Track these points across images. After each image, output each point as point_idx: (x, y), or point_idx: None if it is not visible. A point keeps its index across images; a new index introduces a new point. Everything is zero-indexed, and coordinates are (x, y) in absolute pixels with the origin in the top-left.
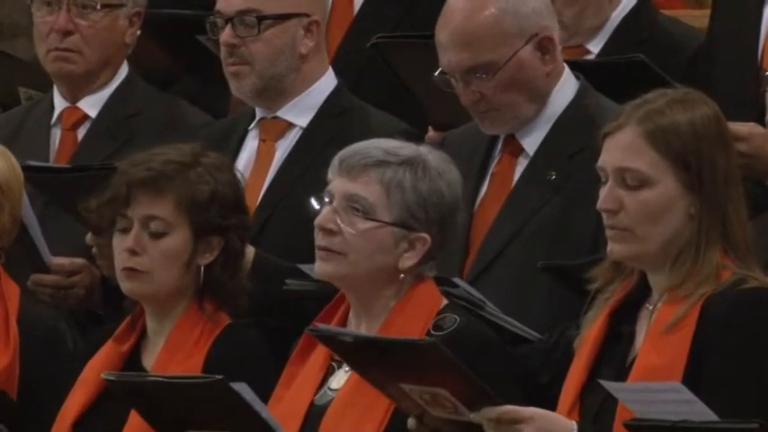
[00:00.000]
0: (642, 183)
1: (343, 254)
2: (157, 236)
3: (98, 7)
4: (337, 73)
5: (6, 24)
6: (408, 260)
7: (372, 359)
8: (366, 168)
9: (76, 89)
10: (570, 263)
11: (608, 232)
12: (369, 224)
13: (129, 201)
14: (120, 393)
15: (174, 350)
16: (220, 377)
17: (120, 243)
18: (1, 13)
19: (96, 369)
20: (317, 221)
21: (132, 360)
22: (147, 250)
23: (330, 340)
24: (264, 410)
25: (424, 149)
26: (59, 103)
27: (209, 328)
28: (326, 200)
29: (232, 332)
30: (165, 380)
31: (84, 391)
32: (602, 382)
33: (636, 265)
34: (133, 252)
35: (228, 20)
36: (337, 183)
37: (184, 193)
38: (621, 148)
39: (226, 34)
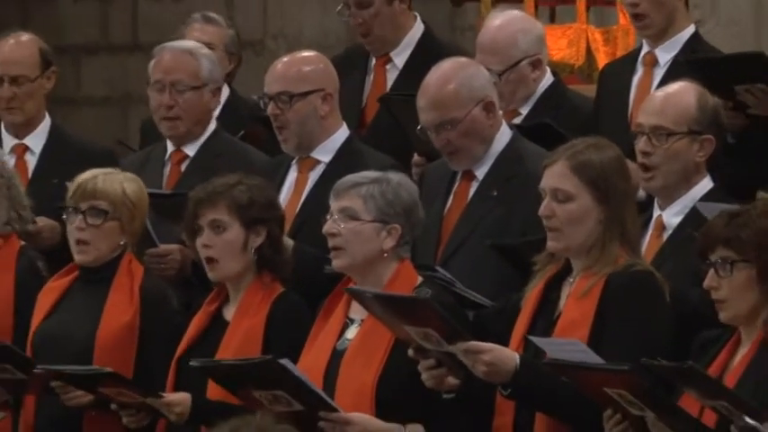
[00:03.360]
0: (568, 198)
1: (344, 248)
2: (219, 232)
3: (188, 90)
4: (371, 129)
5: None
6: (388, 243)
7: (385, 309)
8: (349, 189)
9: (181, 141)
10: (509, 242)
11: (548, 233)
12: (356, 224)
13: (197, 214)
14: (204, 372)
15: (244, 311)
16: (270, 357)
17: (199, 242)
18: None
19: (195, 325)
20: (323, 230)
21: (218, 316)
22: (216, 243)
23: (359, 295)
24: (301, 375)
25: (390, 173)
26: (170, 147)
27: (267, 294)
28: (329, 217)
29: (284, 298)
30: (233, 362)
31: (186, 339)
32: (529, 337)
33: (563, 254)
34: (207, 246)
35: (271, 98)
36: (334, 203)
37: (232, 201)
38: (555, 175)
39: (270, 108)
